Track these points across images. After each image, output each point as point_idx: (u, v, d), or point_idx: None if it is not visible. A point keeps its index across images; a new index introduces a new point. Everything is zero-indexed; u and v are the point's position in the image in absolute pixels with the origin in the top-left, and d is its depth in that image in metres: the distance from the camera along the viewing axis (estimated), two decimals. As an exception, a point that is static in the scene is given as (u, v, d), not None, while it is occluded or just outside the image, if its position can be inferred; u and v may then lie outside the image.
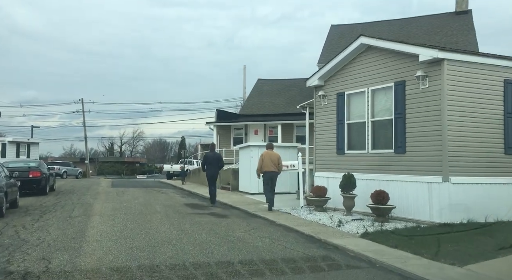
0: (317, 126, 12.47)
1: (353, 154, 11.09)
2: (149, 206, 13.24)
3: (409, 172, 9.41)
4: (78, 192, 19.00)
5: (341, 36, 28.50)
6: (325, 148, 12.08)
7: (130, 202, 14.43)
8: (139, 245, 7.07)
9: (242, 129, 25.39)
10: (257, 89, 30.67)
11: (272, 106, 28.19)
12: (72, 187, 23.01)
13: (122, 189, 21.02)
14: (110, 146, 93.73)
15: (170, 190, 21.22)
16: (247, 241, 7.58)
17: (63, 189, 20.93)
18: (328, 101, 12.00)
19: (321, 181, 11.99)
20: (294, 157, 17.50)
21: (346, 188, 10.26)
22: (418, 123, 9.27)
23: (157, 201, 15.09)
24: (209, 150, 14.90)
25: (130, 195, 17.46)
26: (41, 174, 17.39)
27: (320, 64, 26.22)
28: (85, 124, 54.90)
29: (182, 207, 13.40)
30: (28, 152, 35.58)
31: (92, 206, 13.15)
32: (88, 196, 17.13)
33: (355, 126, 11.17)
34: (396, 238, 7.25)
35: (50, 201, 14.74)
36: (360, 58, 10.94)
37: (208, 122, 25.19)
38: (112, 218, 10.31)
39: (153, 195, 18.07)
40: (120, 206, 13.15)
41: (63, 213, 11.35)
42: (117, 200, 15.22)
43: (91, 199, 15.58)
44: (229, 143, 25.33)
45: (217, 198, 15.79)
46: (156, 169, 76.58)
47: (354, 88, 11.09)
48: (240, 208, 12.71)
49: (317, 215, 10.54)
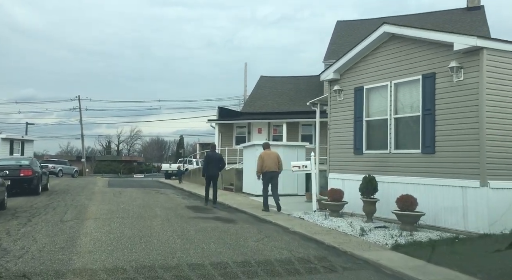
0: (331, 123, 11.50)
1: (372, 154, 10.13)
2: (149, 209, 12.25)
3: (439, 174, 8.45)
4: (73, 192, 17.98)
5: (347, 32, 27.58)
6: (341, 148, 11.11)
7: (127, 204, 13.44)
8: (138, 258, 6.08)
9: (245, 127, 24.39)
10: (260, 86, 29.70)
11: (276, 104, 27.23)
12: (66, 186, 21.98)
13: (119, 189, 20.01)
14: (107, 144, 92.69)
15: (170, 191, 20.22)
16: (262, 253, 6.60)
17: (57, 189, 19.90)
18: (344, 97, 11.03)
19: (336, 183, 11.02)
20: (301, 157, 16.57)
21: (366, 191, 9.29)
22: (451, 120, 8.30)
23: (157, 203, 14.10)
24: (209, 150, 14.54)
25: (128, 196, 16.46)
26: (33, 172, 16.36)
27: (326, 60, 25.30)
28: (81, 121, 53.83)
29: (184, 210, 12.42)
30: (22, 149, 34.53)
31: (87, 208, 12.15)
32: (83, 196, 16.12)
33: (375, 124, 10.21)
34: (434, 251, 6.28)
35: (41, 202, 13.72)
36: (382, 49, 9.97)
37: (210, 120, 24.20)
38: (108, 223, 9.32)
39: (152, 196, 17.07)
40: (117, 209, 12.15)
41: (54, 217, 10.35)
42: (113, 202, 14.22)
43: (86, 200, 14.57)
44: (231, 142, 24.34)
45: (221, 200, 14.88)
46: (154, 168, 75.62)
47: (374, 81, 10.12)
48: (247, 212, 11.73)
49: (334, 221, 9.56)
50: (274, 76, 31.48)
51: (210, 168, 13.42)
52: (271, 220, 10.04)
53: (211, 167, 13.42)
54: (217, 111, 24.55)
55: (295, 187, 16.41)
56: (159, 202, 14.43)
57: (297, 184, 16.44)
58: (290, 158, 16.34)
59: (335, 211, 10.21)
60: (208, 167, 13.51)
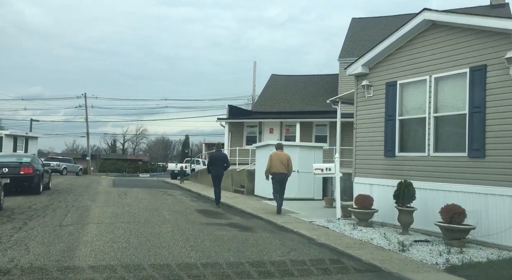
0: (358, 122, 10.45)
1: (407, 157, 9.07)
2: (156, 212, 11.27)
3: (491, 182, 7.38)
4: (76, 192, 17.05)
5: (363, 29, 26.52)
6: (369, 150, 10.06)
7: (133, 206, 12.46)
8: (147, 277, 5.09)
9: (256, 126, 23.36)
10: (271, 85, 28.69)
11: (287, 103, 26.22)
12: (69, 185, 21.07)
13: (124, 189, 19.05)
14: (112, 143, 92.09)
15: (177, 192, 19.24)
16: (292, 273, 5.58)
17: (59, 188, 18.99)
18: (373, 93, 9.98)
19: (362, 188, 9.98)
20: (318, 158, 15.53)
21: (402, 199, 8.24)
22: (505, 119, 7.24)
23: (165, 205, 13.12)
24: (215, 149, 14.40)
25: (133, 197, 15.50)
26: (33, 170, 15.44)
27: (341, 58, 24.27)
28: (87, 119, 53.06)
29: (194, 214, 11.42)
30: (26, 146, 33.73)
31: (89, 211, 11.18)
32: (86, 197, 15.18)
33: (410, 123, 9.15)
34: (502, 277, 5.22)
35: (41, 203, 12.79)
36: (420, 39, 8.92)
37: (220, 119, 23.21)
38: (112, 229, 8.33)
39: (159, 197, 16.10)
40: (122, 211, 11.18)
41: (53, 220, 9.39)
42: (118, 203, 13.26)
43: (88, 201, 13.62)
44: (241, 142, 23.33)
45: (232, 203, 13.92)
46: (159, 168, 74.82)
47: (410, 76, 9.07)
48: (263, 218, 10.70)
49: (364, 231, 8.51)
50: (285, 74, 30.47)
51: (215, 167, 13.24)
52: (292, 228, 9.01)
53: (216, 167, 13.24)
54: (227, 110, 23.54)
55: (311, 191, 15.37)
56: (167, 205, 13.45)
57: (313, 187, 15.39)
58: (306, 160, 15.34)
59: (364, 220, 9.16)
60: (212, 166, 13.31)
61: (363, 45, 24.94)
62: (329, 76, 28.00)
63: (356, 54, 24.56)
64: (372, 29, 26.27)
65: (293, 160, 15.21)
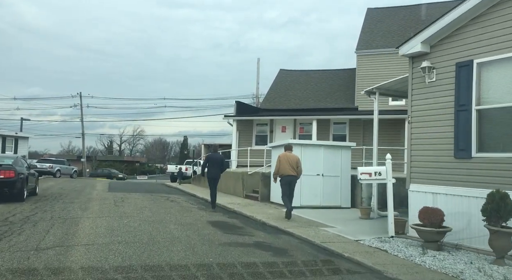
0: (414, 115, 8.37)
1: (489, 159, 6.99)
2: (161, 226, 9.15)
3: None
4: (66, 198, 14.90)
5: (380, 19, 24.51)
6: (430, 149, 7.99)
7: (132, 218, 10.34)
8: None
9: (267, 125, 21.25)
10: (280, 80, 26.60)
11: (299, 100, 24.14)
12: (60, 190, 18.90)
13: (121, 195, 16.92)
14: (109, 144, 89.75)
15: (181, 198, 17.11)
16: None
17: (48, 193, 16.83)
18: (437, 76, 7.91)
19: (421, 198, 7.91)
20: (346, 159, 13.46)
21: (495, 216, 6.15)
22: None
23: (170, 216, 11.00)
24: (211, 151, 14.07)
25: (132, 205, 13.38)
26: (16, 174, 13.26)
27: (359, 50, 22.22)
28: (82, 118, 50.85)
29: (207, 228, 9.30)
30: (15, 147, 31.56)
31: (78, 225, 9.05)
32: (76, 205, 13.04)
33: (493, 114, 7.10)
34: None
35: (22, 213, 10.65)
36: (507, 4, 6.86)
37: (227, 116, 21.08)
38: (106, 256, 6.21)
39: (162, 204, 13.98)
40: (119, 225, 9.06)
41: (30, 240, 7.26)
42: (114, 213, 11.13)
43: (79, 211, 11.49)
44: (250, 142, 21.22)
45: (248, 212, 11.89)
46: (157, 169, 72.60)
47: (493, 53, 7.01)
48: (294, 234, 8.59)
49: (441, 259, 6.41)
50: (294, 69, 28.40)
51: (210, 169, 12.72)
52: (342, 252, 6.89)
53: (212, 169, 12.70)
54: (234, 106, 21.41)
55: (337, 198, 13.28)
56: (172, 215, 11.33)
57: (340, 194, 13.30)
58: (332, 162, 13.28)
59: (433, 242, 7.06)
60: (208, 168, 12.77)
61: (382, 36, 22.94)
62: (344, 71, 25.98)
63: (375, 45, 22.55)
64: (389, 19, 24.26)
65: (317, 162, 13.22)
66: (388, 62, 21.17)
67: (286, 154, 10.91)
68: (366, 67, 21.67)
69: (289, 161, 10.68)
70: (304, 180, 13.02)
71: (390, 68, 21.07)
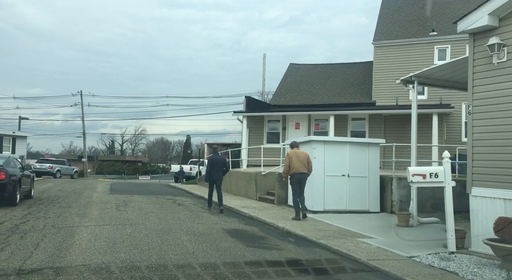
0: (477, 103, 6.97)
1: None
2: (171, 237, 7.80)
3: None
4: (63, 202, 13.57)
5: (398, 9, 23.10)
6: (499, 144, 6.60)
7: (137, 226, 8.99)
8: None
9: (279, 121, 19.83)
10: (290, 75, 25.22)
11: (311, 95, 22.75)
12: (58, 192, 17.56)
13: (123, 197, 15.58)
14: (110, 144, 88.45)
15: (188, 200, 15.75)
16: None
17: (45, 196, 15.49)
18: (508, 56, 6.51)
19: (488, 205, 6.53)
20: (375, 158, 12.08)
21: None
22: None
23: (180, 223, 9.65)
24: (211, 152, 13.91)
25: (136, 209, 12.04)
26: (7, 176, 11.91)
27: (376, 41, 20.81)
28: (83, 117, 49.53)
29: (226, 239, 7.93)
30: (13, 146, 30.25)
31: (74, 236, 7.71)
32: (74, 209, 11.71)
33: None
34: None
35: (11, 220, 9.33)
36: None
37: (236, 112, 19.68)
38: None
39: (169, 208, 12.63)
40: (122, 236, 7.72)
41: (13, 257, 5.91)
42: (116, 220, 9.79)
43: (76, 218, 10.15)
44: (261, 139, 19.81)
45: (268, 218, 10.57)
46: (159, 169, 71.27)
47: None
48: (331, 248, 7.19)
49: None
50: (305, 63, 27.03)
51: (214, 172, 12.55)
52: (401, 276, 5.51)
53: (214, 171, 12.55)
54: (244, 102, 20.00)
55: (365, 201, 11.89)
56: (182, 221, 9.99)
57: (368, 196, 11.91)
58: (359, 161, 11.89)
59: (512, 259, 5.67)
60: (211, 171, 12.56)
61: (401, 26, 21.53)
62: (358, 64, 24.59)
63: (394, 35, 21.13)
64: (408, 8, 22.83)
65: (342, 161, 11.85)
66: (410, 53, 19.78)
67: (295, 151, 10.59)
68: (385, 59, 20.27)
69: (300, 158, 10.39)
70: (328, 181, 11.67)
71: (412, 60, 19.69)
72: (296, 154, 10.50)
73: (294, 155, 10.47)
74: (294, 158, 10.39)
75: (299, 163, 10.35)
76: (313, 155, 11.71)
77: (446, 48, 19.13)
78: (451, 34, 19.39)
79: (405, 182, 11.83)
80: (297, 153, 10.54)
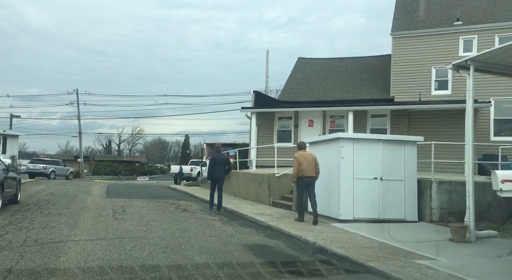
0: None
1: None
2: (181, 257, 6.23)
3: None
4: (53, 208, 11.96)
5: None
6: None
7: (138, 240, 7.41)
8: None
9: (291, 118, 18.23)
10: (299, 70, 23.67)
11: (323, 91, 21.23)
12: (49, 195, 15.92)
13: (121, 202, 13.98)
14: (107, 144, 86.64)
15: (193, 205, 14.13)
16: None
17: (33, 200, 13.87)
18: None
19: None
20: (411, 158, 10.53)
21: None
22: None
23: (189, 236, 8.06)
24: (214, 151, 13.77)
25: (136, 217, 10.44)
26: (-15, 179, 10.35)
27: (394, 32, 19.28)
28: (79, 115, 47.79)
29: (249, 259, 6.34)
30: (4, 146, 28.59)
31: (59, 257, 6.11)
32: (64, 217, 10.11)
33: None
34: None
35: (-15, 234, 7.73)
36: None
37: (244, 108, 18.02)
38: None
39: (173, 216, 11.03)
40: (120, 257, 6.13)
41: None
42: (113, 233, 8.20)
43: (65, 229, 8.56)
44: (271, 138, 18.21)
45: (295, 231, 8.94)
46: (157, 170, 69.57)
47: None
48: (390, 277, 5.59)
49: None
50: (314, 57, 25.50)
51: (216, 170, 12.38)
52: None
53: (216, 169, 12.36)
54: (252, 97, 18.37)
55: (401, 208, 10.31)
56: (191, 233, 8.41)
57: (404, 203, 10.33)
58: (393, 161, 10.35)
59: None
60: (213, 169, 12.38)
61: (421, 15, 19.98)
62: (373, 58, 23.10)
63: (414, 25, 19.52)
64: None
65: (374, 161, 10.28)
66: (432, 44, 18.25)
67: (303, 153, 10.19)
68: (404, 51, 18.75)
69: (308, 160, 10.00)
70: (358, 185, 10.11)
71: (434, 51, 18.17)
72: (304, 156, 10.06)
73: (302, 157, 10.02)
74: (302, 160, 9.96)
75: (307, 166, 9.93)
76: (341, 155, 10.15)
77: (473, 38, 17.61)
78: (477, 23, 17.87)
79: (447, 186, 10.30)
80: (305, 155, 10.11)
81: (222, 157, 12.92)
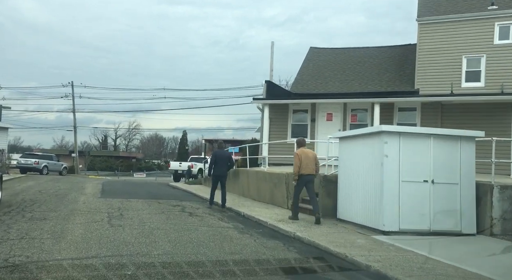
0: None
1: None
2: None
3: None
4: (38, 210, 10.21)
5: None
6: None
7: (141, 259, 5.68)
8: None
9: (307, 112, 16.45)
10: (311, 60, 21.91)
11: (339, 83, 19.48)
12: (37, 194, 14.15)
13: (118, 203, 12.22)
14: (103, 138, 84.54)
15: (200, 207, 12.36)
16: None
17: (17, 200, 12.10)
18: None
19: None
20: (469, 156, 8.76)
21: None
22: None
23: (203, 252, 6.32)
24: (216, 148, 13.81)
25: (136, 223, 8.71)
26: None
27: (420, 17, 17.53)
28: (74, 109, 45.87)
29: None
30: (-8, 139, 26.64)
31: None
32: (50, 223, 8.37)
33: None
34: None
35: None
36: None
37: (256, 99, 16.18)
38: None
39: (179, 222, 9.28)
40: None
41: None
42: (108, 247, 6.46)
43: (48, 241, 6.81)
44: (285, 134, 16.45)
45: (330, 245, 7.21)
46: (154, 166, 67.77)
47: None
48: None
49: None
50: (327, 47, 23.75)
51: (218, 167, 12.17)
52: None
53: (218, 166, 12.15)
54: (264, 87, 16.60)
55: (456, 218, 8.53)
56: (205, 247, 6.67)
57: (460, 211, 8.56)
58: (447, 161, 8.69)
59: None
60: (215, 166, 12.18)
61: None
62: (392, 48, 21.35)
63: (443, 10, 17.78)
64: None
65: (423, 160, 8.51)
66: (463, 31, 16.52)
67: (304, 150, 9.96)
68: (431, 38, 17.01)
69: (309, 157, 9.80)
70: (404, 189, 8.39)
71: (466, 39, 16.45)
72: (305, 153, 9.85)
73: (303, 154, 9.80)
74: (304, 158, 9.72)
75: (308, 163, 9.74)
76: (384, 153, 8.41)
77: (510, 24, 15.90)
78: (515, 8, 16.16)
79: (511, 192, 8.58)
80: (306, 152, 9.89)
81: (224, 153, 12.89)
